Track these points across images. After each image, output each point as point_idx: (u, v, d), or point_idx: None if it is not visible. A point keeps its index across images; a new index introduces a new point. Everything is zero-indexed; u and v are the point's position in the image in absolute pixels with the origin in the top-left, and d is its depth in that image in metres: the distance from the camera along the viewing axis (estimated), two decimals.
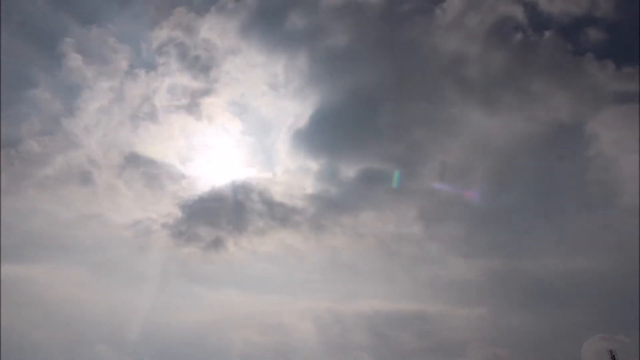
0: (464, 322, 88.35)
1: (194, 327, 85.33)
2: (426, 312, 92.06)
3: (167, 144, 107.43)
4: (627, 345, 65.35)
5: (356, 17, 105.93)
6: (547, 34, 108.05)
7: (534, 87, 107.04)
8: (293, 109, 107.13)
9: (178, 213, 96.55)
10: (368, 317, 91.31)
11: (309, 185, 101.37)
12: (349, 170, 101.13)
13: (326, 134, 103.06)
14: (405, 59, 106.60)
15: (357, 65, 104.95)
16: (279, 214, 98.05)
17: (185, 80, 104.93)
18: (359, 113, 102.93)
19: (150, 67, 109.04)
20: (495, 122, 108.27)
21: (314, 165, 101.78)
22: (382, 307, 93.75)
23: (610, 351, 47.05)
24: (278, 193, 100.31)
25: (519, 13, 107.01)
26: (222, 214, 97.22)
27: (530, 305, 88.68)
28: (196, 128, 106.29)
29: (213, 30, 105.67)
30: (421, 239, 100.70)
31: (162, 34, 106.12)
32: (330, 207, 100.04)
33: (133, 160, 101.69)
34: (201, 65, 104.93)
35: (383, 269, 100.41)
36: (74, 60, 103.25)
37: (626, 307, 78.98)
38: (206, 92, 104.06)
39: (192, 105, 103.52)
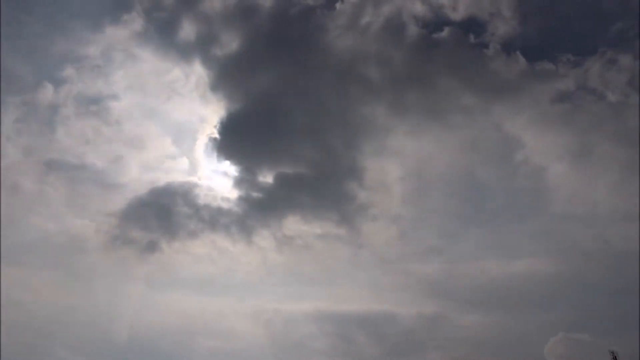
0: (415, 323, 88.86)
1: (140, 332, 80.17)
2: (374, 313, 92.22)
3: (85, 149, 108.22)
4: (585, 343, 68.52)
5: (248, 22, 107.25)
6: (448, 29, 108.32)
7: (441, 85, 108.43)
8: (203, 115, 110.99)
9: (110, 218, 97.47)
10: (319, 318, 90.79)
11: (231, 190, 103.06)
12: (266, 175, 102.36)
13: (238, 139, 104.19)
14: (305, 61, 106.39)
15: (257, 70, 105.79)
16: (206, 217, 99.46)
17: (89, 88, 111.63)
18: (267, 117, 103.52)
19: (55, 79, 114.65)
20: (406, 122, 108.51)
21: (231, 170, 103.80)
22: (330, 308, 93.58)
23: (612, 352, 48.36)
24: (203, 196, 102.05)
25: (420, 9, 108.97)
26: (154, 217, 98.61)
27: (478, 306, 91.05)
28: (110, 132, 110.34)
29: (108, 41, 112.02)
30: (351, 243, 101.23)
31: (60, 48, 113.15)
32: (254, 210, 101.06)
33: (56, 167, 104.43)
34: (103, 73, 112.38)
35: (319, 271, 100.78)
36: None
37: (570, 308, 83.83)
38: (112, 98, 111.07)
39: (101, 111, 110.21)
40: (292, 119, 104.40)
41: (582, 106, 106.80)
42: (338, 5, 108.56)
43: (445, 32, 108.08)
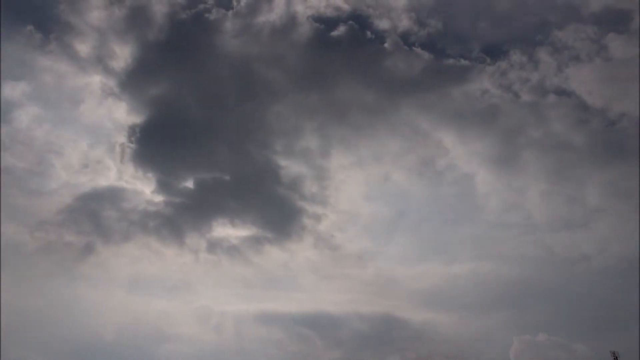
0: (366, 324, 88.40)
1: (90, 335, 74.17)
2: (323, 315, 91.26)
3: (5, 154, 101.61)
4: (543, 344, 71.60)
5: (144, 30, 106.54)
6: (345, 26, 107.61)
7: (341, 83, 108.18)
8: (116, 122, 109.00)
9: (43, 223, 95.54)
10: (269, 320, 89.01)
11: (155, 195, 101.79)
12: (187, 180, 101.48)
13: (153, 145, 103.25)
14: (207, 65, 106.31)
15: (161, 77, 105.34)
16: (137, 220, 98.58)
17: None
18: (178, 123, 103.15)
19: None
20: (313, 122, 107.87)
21: (152, 175, 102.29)
22: (276, 310, 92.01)
23: (613, 353, 50.15)
24: (131, 201, 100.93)
25: (316, 7, 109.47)
26: (86, 222, 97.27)
27: (428, 306, 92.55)
28: (26, 139, 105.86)
29: (7, 54, 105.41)
30: (281, 246, 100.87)
31: None
32: (182, 215, 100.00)
33: None
34: (7, 85, 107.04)
35: (255, 274, 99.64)
36: None
37: (523, 310, 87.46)
38: (18, 107, 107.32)
39: (13, 120, 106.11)
40: (201, 123, 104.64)
41: (500, 106, 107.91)
42: (234, 7, 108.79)
43: (341, 29, 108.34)
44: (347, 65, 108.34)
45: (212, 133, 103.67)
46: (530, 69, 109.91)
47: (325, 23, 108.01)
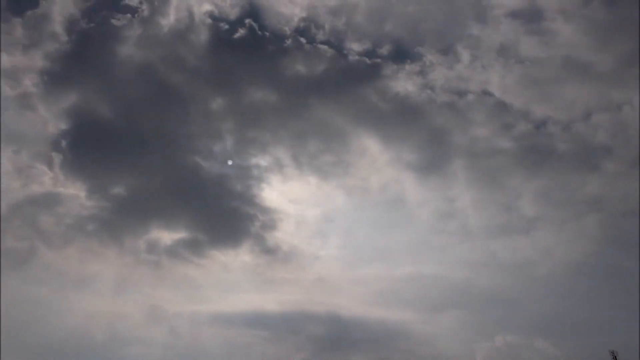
0: (326, 326, 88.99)
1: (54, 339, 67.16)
2: (278, 315, 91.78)
3: None
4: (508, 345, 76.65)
5: (48, 44, 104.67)
6: (244, 28, 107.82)
7: (250, 86, 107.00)
8: (38, 132, 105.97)
9: None
10: (229, 321, 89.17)
11: (89, 201, 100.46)
12: (118, 186, 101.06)
13: (84, 152, 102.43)
14: (116, 73, 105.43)
15: (73, 89, 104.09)
16: (74, 223, 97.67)
17: None
18: (98, 132, 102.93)
19: None
20: (229, 123, 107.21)
21: (84, 181, 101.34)
22: (233, 311, 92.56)
23: (612, 352, 54.32)
24: (66, 205, 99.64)
25: (217, 8, 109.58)
26: (27, 227, 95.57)
27: (380, 308, 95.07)
28: None
29: None
30: (218, 249, 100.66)
31: None
32: (118, 219, 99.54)
33: None
34: None
35: (200, 276, 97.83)
36: None
37: (467, 309, 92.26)
38: None
39: None
40: (122, 130, 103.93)
41: (419, 107, 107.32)
42: (139, 12, 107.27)
43: (241, 30, 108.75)
44: (250, 66, 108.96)
45: (134, 139, 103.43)
46: (445, 68, 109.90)
47: (226, 23, 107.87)
